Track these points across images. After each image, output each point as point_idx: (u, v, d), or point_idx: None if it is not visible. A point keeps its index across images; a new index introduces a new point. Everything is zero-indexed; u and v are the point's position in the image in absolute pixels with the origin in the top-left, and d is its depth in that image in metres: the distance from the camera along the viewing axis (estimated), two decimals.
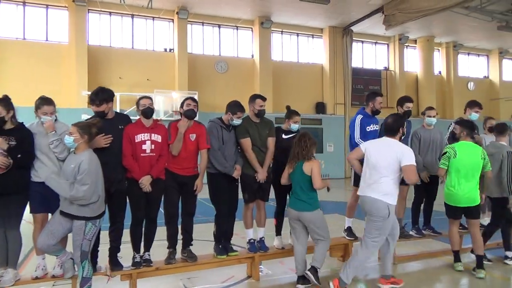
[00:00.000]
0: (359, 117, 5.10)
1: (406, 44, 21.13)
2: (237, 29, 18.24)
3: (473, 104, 5.63)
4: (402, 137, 4.21)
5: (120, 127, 4.01)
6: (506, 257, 5.09)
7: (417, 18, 15.47)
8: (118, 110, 14.25)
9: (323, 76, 19.60)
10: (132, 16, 16.41)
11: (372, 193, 3.90)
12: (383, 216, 3.84)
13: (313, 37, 19.66)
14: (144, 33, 16.72)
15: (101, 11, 15.91)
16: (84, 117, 8.16)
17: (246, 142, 4.48)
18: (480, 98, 22.00)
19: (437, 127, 5.57)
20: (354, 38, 19.84)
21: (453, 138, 4.79)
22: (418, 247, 5.76)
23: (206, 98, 16.20)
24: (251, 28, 18.30)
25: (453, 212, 4.65)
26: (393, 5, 15.90)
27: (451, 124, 5.54)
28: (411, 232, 5.40)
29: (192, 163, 4.24)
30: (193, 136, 4.20)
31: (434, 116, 5.34)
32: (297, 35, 19.36)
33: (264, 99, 4.63)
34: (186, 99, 4.27)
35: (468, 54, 23.30)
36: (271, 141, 4.61)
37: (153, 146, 4.02)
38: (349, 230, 5.16)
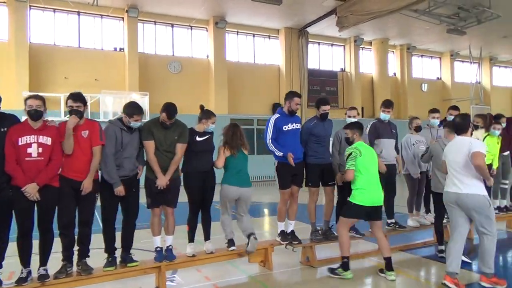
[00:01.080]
0: (275, 117, 4.98)
1: (362, 46, 21.46)
2: (191, 28, 17.88)
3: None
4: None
5: (2, 129, 3.63)
6: (441, 251, 5.12)
7: (368, 20, 15.70)
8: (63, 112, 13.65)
9: (279, 77, 19.56)
10: (79, 13, 15.71)
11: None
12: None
13: (269, 38, 19.58)
14: (92, 31, 16.05)
15: (44, 7, 15.13)
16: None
17: (148, 145, 4.20)
18: (433, 99, 23.10)
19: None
20: (310, 40, 19.95)
21: (347, 142, 4.69)
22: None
23: (159, 99, 15.68)
24: (206, 28, 17.99)
25: (357, 212, 4.42)
26: (346, 7, 16.07)
27: (368, 125, 5.56)
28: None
29: (89, 166, 3.91)
30: (85, 133, 3.87)
31: (354, 116, 5.27)
32: (253, 36, 19.22)
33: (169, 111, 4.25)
34: (69, 98, 3.88)
35: (422, 56, 23.97)
36: (179, 148, 4.34)
37: (40, 149, 3.67)
38: (282, 234, 5.01)
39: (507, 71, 27.72)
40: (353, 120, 5.21)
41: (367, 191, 4.38)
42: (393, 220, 5.56)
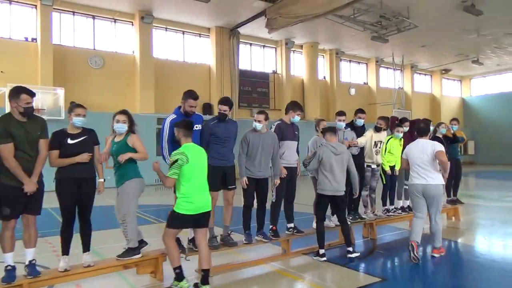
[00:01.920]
0: (171, 117, 4.62)
1: (293, 49, 21.78)
2: (115, 22, 16.88)
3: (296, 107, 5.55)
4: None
5: None
6: (349, 252, 5.15)
7: (295, 23, 15.89)
8: None
9: (210, 76, 19.18)
10: None
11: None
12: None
13: (200, 36, 19.13)
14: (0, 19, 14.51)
15: None
16: None
17: (5, 149, 3.58)
18: (360, 102, 24.09)
19: (271, 132, 5.33)
20: (242, 40, 19.83)
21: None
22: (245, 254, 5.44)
23: (77, 95, 14.59)
24: (132, 22, 17.09)
25: (183, 221, 3.96)
26: (275, 9, 16.12)
27: (272, 126, 5.47)
28: (256, 237, 5.10)
29: None
30: None
31: (259, 121, 5.02)
32: (183, 33, 18.64)
33: (29, 93, 3.76)
34: None
35: (350, 61, 24.94)
36: (43, 144, 3.82)
37: None
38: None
39: (426, 78, 29.82)
40: (260, 125, 4.98)
41: (193, 199, 3.94)
42: (292, 225, 5.44)
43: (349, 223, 5.56)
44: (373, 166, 6.39)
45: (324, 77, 23.56)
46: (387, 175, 6.51)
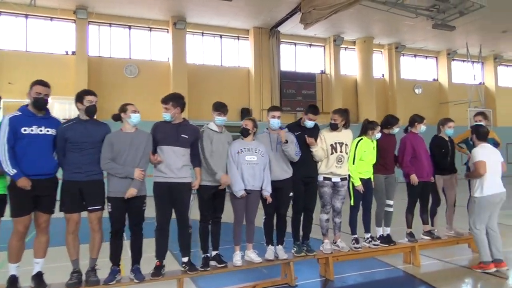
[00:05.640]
0: (12, 114, 3.70)
1: (343, 46, 19.85)
2: (150, 30, 16.95)
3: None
4: None
5: None
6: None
7: (330, 15, 14.16)
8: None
9: (249, 80, 18.26)
10: (26, 16, 15.10)
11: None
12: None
13: (238, 39, 18.37)
14: (40, 34, 15.36)
15: None
16: None
17: None
18: (429, 102, 21.11)
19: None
20: (284, 40, 18.64)
21: None
22: None
23: (112, 103, 14.75)
24: (167, 29, 17.01)
25: None
26: (308, 2, 14.66)
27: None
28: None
29: None
30: None
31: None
32: (221, 37, 18.06)
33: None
34: None
35: (415, 56, 22.01)
36: None
37: None
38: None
39: None
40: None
41: None
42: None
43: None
44: (334, 179, 4.79)
45: (383, 75, 21.08)
46: (357, 193, 4.83)
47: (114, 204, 3.80)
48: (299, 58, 19.51)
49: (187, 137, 4.12)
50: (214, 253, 4.34)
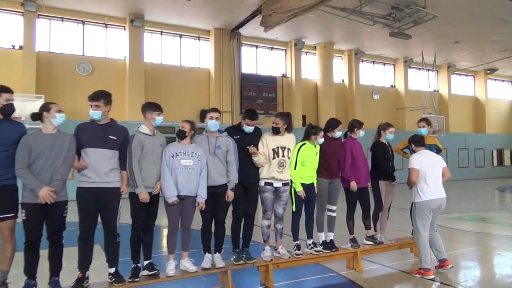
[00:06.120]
0: None
1: (305, 50, 20.02)
2: (106, 27, 16.32)
3: None
4: None
5: None
6: None
7: (289, 19, 14.22)
8: None
9: (209, 81, 17.99)
10: None
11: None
12: None
13: (199, 40, 18.06)
14: None
15: None
16: None
17: None
18: (386, 107, 21.68)
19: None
20: (246, 42, 18.54)
21: None
22: None
23: (64, 102, 14.03)
24: (124, 26, 16.43)
25: None
26: (269, 5, 14.62)
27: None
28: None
29: None
30: None
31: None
32: (180, 37, 17.68)
33: None
34: None
35: (373, 62, 22.56)
36: None
37: None
38: None
39: (468, 79, 26.41)
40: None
41: None
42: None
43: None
44: (276, 184, 4.66)
45: (342, 80, 21.45)
46: (299, 198, 4.73)
47: (29, 210, 3.46)
48: (261, 61, 19.47)
49: (115, 138, 3.83)
50: (146, 262, 4.09)
